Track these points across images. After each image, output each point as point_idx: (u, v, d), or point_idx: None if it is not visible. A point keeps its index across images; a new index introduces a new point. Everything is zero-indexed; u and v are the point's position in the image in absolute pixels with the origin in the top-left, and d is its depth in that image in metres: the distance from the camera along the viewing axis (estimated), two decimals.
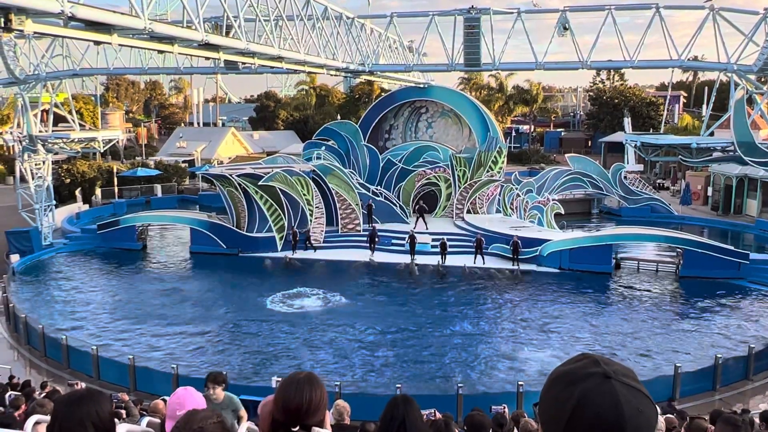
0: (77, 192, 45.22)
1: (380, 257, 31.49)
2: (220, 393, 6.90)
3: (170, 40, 17.33)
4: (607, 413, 1.35)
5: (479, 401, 14.67)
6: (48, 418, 5.37)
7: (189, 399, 3.85)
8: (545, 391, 1.49)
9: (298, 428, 2.69)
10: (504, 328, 23.41)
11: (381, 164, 37.09)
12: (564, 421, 1.38)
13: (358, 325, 23.51)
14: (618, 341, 21.89)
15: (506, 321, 24.19)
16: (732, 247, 30.00)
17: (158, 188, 49.73)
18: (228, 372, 17.73)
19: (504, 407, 12.01)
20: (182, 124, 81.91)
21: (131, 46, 19.93)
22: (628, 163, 48.00)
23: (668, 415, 10.46)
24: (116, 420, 3.13)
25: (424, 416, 5.03)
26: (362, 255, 31.96)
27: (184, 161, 56.69)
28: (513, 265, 29.91)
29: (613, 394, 1.36)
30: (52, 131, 35.25)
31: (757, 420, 8.59)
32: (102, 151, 40.38)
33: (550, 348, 21.26)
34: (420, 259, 30.88)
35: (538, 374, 18.72)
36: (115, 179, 48.19)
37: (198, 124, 75.48)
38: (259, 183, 32.40)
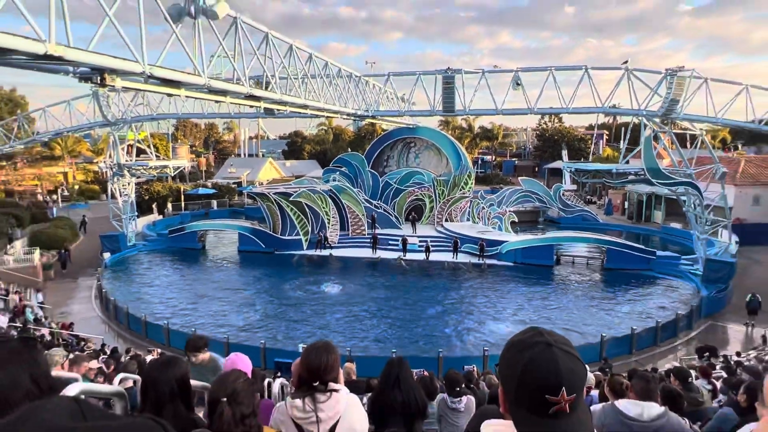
0: (154, 206, 45.22)
1: (379, 254, 31.49)
2: (203, 356, 5.02)
3: (224, 92, 17.35)
4: (549, 373, 1.35)
5: (455, 362, 14.62)
6: (133, 376, 5.32)
7: (240, 362, 3.92)
8: (502, 356, 1.49)
9: (318, 383, 2.71)
10: (473, 307, 23.35)
11: (381, 185, 37.09)
12: (516, 378, 1.38)
13: (364, 304, 23.47)
14: (558, 317, 21.85)
15: (475, 302, 24.13)
16: (643, 247, 29.99)
17: (214, 203, 49.66)
18: (267, 341, 17.71)
19: (473, 367, 11.93)
20: (232, 155, 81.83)
21: (195, 97, 19.97)
22: (565, 183, 48.07)
23: (597, 372, 10.41)
24: None
25: (414, 374, 5.00)
26: (366, 253, 31.94)
27: (233, 183, 56.65)
28: (479, 260, 29.88)
29: (553, 358, 1.36)
30: (135, 160, 35.28)
31: (662, 373, 8.54)
32: (172, 175, 40.31)
33: (507, 322, 21.20)
34: (410, 256, 30.88)
35: (498, 342, 18.67)
36: (182, 196, 48.20)
37: (244, 155, 75.38)
38: (290, 199, 32.43)
